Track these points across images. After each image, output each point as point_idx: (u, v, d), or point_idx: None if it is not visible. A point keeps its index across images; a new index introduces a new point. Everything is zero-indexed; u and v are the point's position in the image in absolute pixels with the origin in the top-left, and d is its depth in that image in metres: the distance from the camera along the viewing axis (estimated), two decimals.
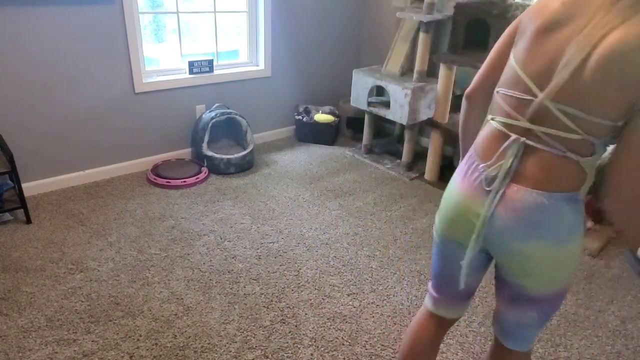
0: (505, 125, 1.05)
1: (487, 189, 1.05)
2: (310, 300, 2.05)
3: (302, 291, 2.10)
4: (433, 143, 3.11)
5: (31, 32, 2.45)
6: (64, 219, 2.53)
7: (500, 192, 1.03)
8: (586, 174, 1.01)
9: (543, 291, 1.10)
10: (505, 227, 1.04)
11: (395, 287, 2.16)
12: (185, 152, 3.34)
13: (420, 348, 1.33)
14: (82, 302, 1.95)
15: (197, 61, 3.16)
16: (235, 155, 3.15)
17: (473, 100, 1.21)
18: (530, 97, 0.99)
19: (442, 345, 1.84)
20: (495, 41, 1.17)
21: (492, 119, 1.09)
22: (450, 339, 1.88)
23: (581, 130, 0.95)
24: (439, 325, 1.33)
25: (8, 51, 2.43)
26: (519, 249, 1.04)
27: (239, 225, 2.58)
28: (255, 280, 2.15)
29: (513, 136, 1.02)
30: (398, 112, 3.16)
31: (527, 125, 1.00)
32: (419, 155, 3.52)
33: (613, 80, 0.89)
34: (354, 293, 2.11)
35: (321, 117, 3.69)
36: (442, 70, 2.92)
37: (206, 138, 3.12)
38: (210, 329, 1.85)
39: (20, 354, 1.69)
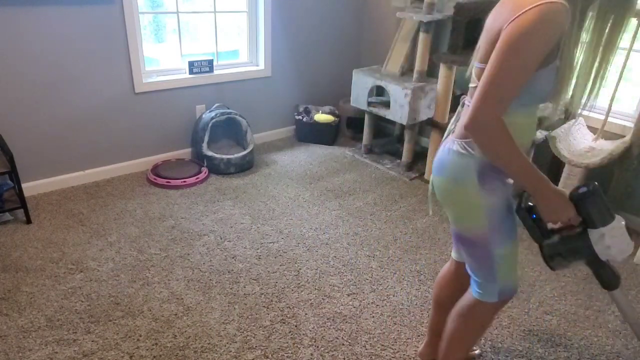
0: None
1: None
2: (310, 300, 2.05)
3: (302, 291, 2.10)
4: (433, 143, 3.11)
5: (31, 32, 2.45)
6: (64, 219, 2.53)
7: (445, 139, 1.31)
8: None
9: (456, 228, 1.33)
10: (434, 167, 1.31)
11: (395, 287, 2.16)
12: (185, 152, 3.34)
13: (441, 278, 1.61)
14: (82, 302, 1.95)
15: (197, 61, 3.16)
16: (235, 155, 3.15)
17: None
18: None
19: None
20: None
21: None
22: None
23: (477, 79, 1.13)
24: (453, 264, 1.56)
25: (8, 51, 2.43)
26: (435, 182, 1.31)
27: (239, 225, 2.58)
28: (255, 280, 2.15)
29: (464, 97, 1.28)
30: (398, 112, 3.16)
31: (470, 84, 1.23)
32: (419, 155, 3.52)
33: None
34: (354, 293, 2.11)
35: (321, 117, 3.69)
36: (442, 70, 2.92)
37: (206, 138, 3.12)
38: (210, 329, 1.85)
39: (20, 354, 1.69)
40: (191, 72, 3.16)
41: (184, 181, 2.94)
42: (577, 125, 2.68)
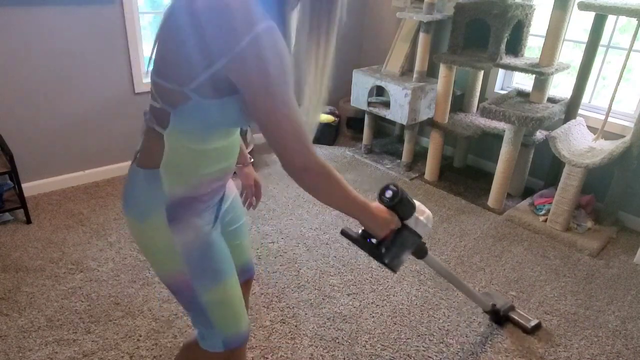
0: None
1: None
2: (310, 300, 2.05)
3: (302, 291, 2.10)
4: (433, 143, 3.11)
5: (31, 32, 2.45)
6: (64, 219, 2.53)
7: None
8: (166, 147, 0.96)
9: (155, 273, 1.16)
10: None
11: (395, 287, 2.16)
12: None
13: None
14: (82, 302, 1.95)
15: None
16: None
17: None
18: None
19: (441, 344, 1.84)
20: (495, 41, 1.19)
21: None
22: (450, 338, 1.88)
23: (160, 99, 0.93)
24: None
25: (8, 51, 2.43)
26: (125, 219, 1.08)
27: None
28: (255, 280, 2.15)
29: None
30: (398, 112, 3.16)
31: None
32: (419, 155, 3.52)
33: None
34: (354, 293, 2.11)
35: (321, 117, 3.68)
36: (442, 70, 2.92)
37: None
38: None
39: (20, 354, 1.69)
40: None
41: None
42: (577, 126, 2.68)
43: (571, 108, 2.74)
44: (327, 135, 3.73)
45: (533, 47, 3.02)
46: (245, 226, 1.32)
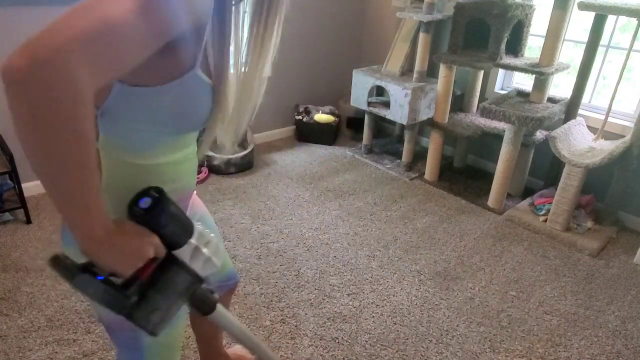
0: None
1: None
2: (310, 300, 2.05)
3: (302, 291, 2.10)
4: (433, 143, 3.11)
5: (31, 32, 2.45)
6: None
7: None
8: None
9: (95, 309, 0.95)
10: None
11: (395, 287, 2.16)
12: None
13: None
14: (82, 302, 1.95)
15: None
16: (235, 155, 3.14)
17: None
18: None
19: (441, 344, 1.84)
20: (495, 41, 1.17)
21: None
22: (450, 339, 1.88)
23: None
24: None
25: (8, 51, 2.43)
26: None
27: (239, 225, 2.58)
28: (255, 280, 2.15)
29: None
30: (398, 112, 3.16)
31: None
32: (419, 155, 3.52)
33: None
34: (354, 293, 2.11)
35: (321, 117, 3.69)
36: (442, 70, 2.92)
37: None
38: None
39: (20, 354, 1.69)
40: None
41: None
42: (577, 126, 2.68)
43: (571, 108, 2.74)
44: (327, 135, 3.73)
45: (533, 47, 3.02)
46: (219, 238, 1.13)
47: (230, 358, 1.59)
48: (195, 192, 1.05)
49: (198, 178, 2.99)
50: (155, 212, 0.72)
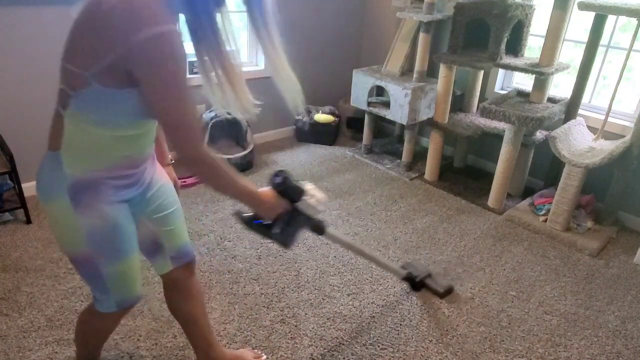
0: None
1: None
2: (310, 300, 2.05)
3: (302, 291, 2.10)
4: (433, 143, 3.11)
5: (32, 32, 2.45)
6: None
7: None
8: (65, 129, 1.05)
9: (61, 248, 1.23)
10: None
11: (395, 287, 2.16)
12: None
13: (166, 298, 1.53)
14: (82, 302, 1.95)
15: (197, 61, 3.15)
16: (235, 155, 3.14)
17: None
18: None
19: (441, 344, 1.84)
20: (495, 41, 1.19)
21: None
22: (449, 338, 1.88)
23: (64, 82, 1.01)
24: (163, 280, 1.49)
25: (8, 51, 2.43)
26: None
27: (239, 225, 2.58)
28: (255, 280, 2.15)
29: None
30: (398, 112, 3.16)
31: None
32: (419, 155, 3.52)
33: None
34: (354, 293, 2.11)
35: (321, 117, 3.69)
36: (442, 70, 2.92)
37: (206, 138, 3.12)
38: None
39: (20, 354, 1.69)
40: (191, 72, 3.15)
41: (184, 181, 2.94)
42: (577, 126, 2.68)
43: (571, 108, 2.74)
44: (327, 135, 3.73)
45: (533, 47, 3.02)
46: (178, 212, 1.38)
47: (228, 356, 1.61)
48: (154, 159, 1.32)
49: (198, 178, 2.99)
50: (284, 187, 1.32)
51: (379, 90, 3.49)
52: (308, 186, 1.41)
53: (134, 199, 1.21)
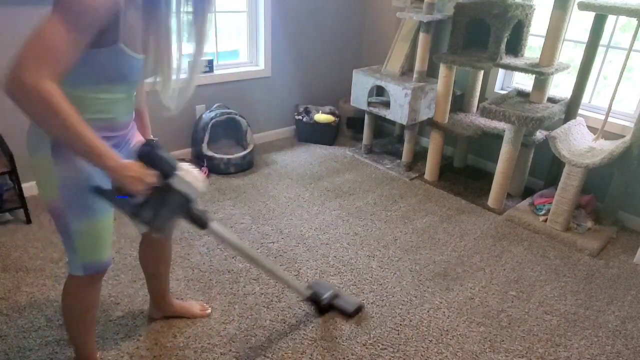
0: None
1: None
2: None
3: None
4: (433, 143, 3.11)
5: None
6: None
7: None
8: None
9: (40, 196, 1.34)
10: None
11: (395, 287, 2.16)
12: (185, 152, 3.33)
13: (141, 253, 1.72)
14: None
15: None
16: (235, 155, 3.15)
17: None
18: None
19: (441, 344, 1.84)
20: (495, 41, 1.18)
21: None
22: (449, 338, 1.88)
23: None
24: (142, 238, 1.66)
25: (8, 51, 2.43)
26: None
27: (239, 225, 2.58)
28: (255, 280, 2.15)
29: None
30: (398, 112, 3.16)
31: None
32: (419, 155, 3.52)
33: None
34: (354, 293, 2.10)
35: (321, 117, 3.69)
36: (442, 70, 2.92)
37: (206, 138, 3.12)
38: (210, 329, 1.85)
39: (20, 354, 1.69)
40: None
41: None
42: (577, 125, 2.68)
43: (571, 108, 2.74)
44: (327, 135, 3.73)
45: (533, 47, 3.02)
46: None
47: (174, 306, 1.87)
48: (135, 128, 1.40)
49: None
50: (151, 155, 1.16)
51: (379, 90, 3.49)
52: (184, 163, 1.27)
53: None
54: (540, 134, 2.88)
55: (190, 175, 1.25)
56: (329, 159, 3.51)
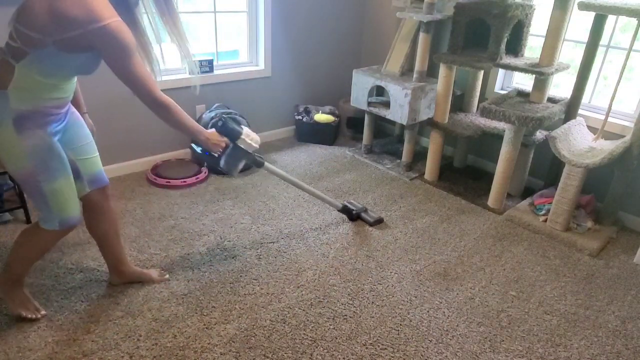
0: None
1: None
2: (310, 300, 2.05)
3: (302, 291, 2.10)
4: (433, 143, 3.11)
5: None
6: None
7: None
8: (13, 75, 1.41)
9: (7, 169, 1.59)
10: None
11: (395, 287, 2.16)
12: (185, 152, 3.33)
13: (85, 219, 1.86)
14: (82, 302, 1.95)
15: (197, 61, 3.15)
16: None
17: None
18: None
19: (441, 344, 1.84)
20: (495, 41, 1.18)
21: None
22: (449, 338, 1.88)
23: (19, 41, 1.37)
24: (82, 201, 1.82)
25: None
26: None
27: (239, 225, 2.58)
28: (255, 280, 2.15)
29: None
30: (398, 112, 3.16)
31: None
32: (419, 155, 3.52)
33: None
34: (354, 293, 2.11)
35: (321, 117, 3.69)
36: (442, 70, 2.92)
37: None
38: (210, 329, 1.85)
39: (20, 354, 1.69)
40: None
41: (184, 181, 2.94)
42: (577, 125, 2.68)
43: (571, 108, 2.74)
44: (327, 135, 3.73)
45: (533, 47, 3.02)
46: (91, 145, 1.78)
47: (134, 272, 2.05)
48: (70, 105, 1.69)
49: (198, 178, 2.99)
50: (223, 127, 1.93)
51: (379, 90, 3.49)
52: (245, 129, 2.00)
53: (57, 132, 1.56)
54: (540, 134, 2.88)
55: (249, 137, 2.01)
56: (329, 159, 3.51)
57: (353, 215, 2.66)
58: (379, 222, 2.66)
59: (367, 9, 3.90)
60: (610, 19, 2.56)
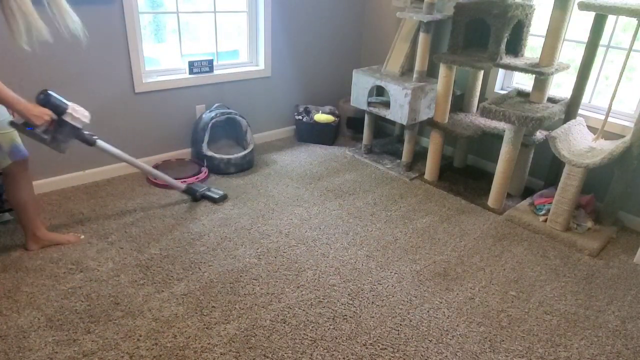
0: None
1: None
2: (310, 300, 2.05)
3: (302, 291, 2.10)
4: (433, 143, 3.11)
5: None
6: (63, 219, 2.52)
7: None
8: None
9: None
10: None
11: (395, 287, 2.16)
12: (185, 152, 3.33)
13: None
14: (82, 302, 1.95)
15: (197, 61, 3.15)
16: (235, 155, 3.15)
17: None
18: None
19: (441, 344, 1.84)
20: (495, 41, 1.17)
21: None
22: (449, 338, 1.88)
23: None
24: None
25: (8, 51, 2.43)
26: None
27: (239, 225, 2.58)
28: (255, 280, 2.15)
29: None
30: (398, 112, 3.16)
31: None
32: (419, 155, 3.52)
33: None
34: (354, 293, 2.11)
35: (321, 117, 3.69)
36: (442, 70, 2.92)
37: (206, 138, 3.12)
38: (210, 329, 1.85)
39: (20, 354, 1.69)
40: (191, 72, 3.16)
41: (184, 181, 2.94)
42: (577, 125, 2.68)
43: (571, 108, 2.74)
44: (327, 135, 3.73)
45: (533, 47, 3.02)
46: (4, 122, 1.90)
47: (49, 236, 2.25)
48: None
49: (198, 178, 2.99)
50: (46, 99, 1.89)
51: (379, 90, 3.49)
52: (71, 104, 1.97)
53: None
54: (540, 134, 2.88)
55: (76, 111, 1.97)
56: (328, 159, 3.51)
57: (197, 196, 2.74)
58: (223, 198, 2.76)
59: (367, 9, 3.90)
60: (611, 18, 2.56)
